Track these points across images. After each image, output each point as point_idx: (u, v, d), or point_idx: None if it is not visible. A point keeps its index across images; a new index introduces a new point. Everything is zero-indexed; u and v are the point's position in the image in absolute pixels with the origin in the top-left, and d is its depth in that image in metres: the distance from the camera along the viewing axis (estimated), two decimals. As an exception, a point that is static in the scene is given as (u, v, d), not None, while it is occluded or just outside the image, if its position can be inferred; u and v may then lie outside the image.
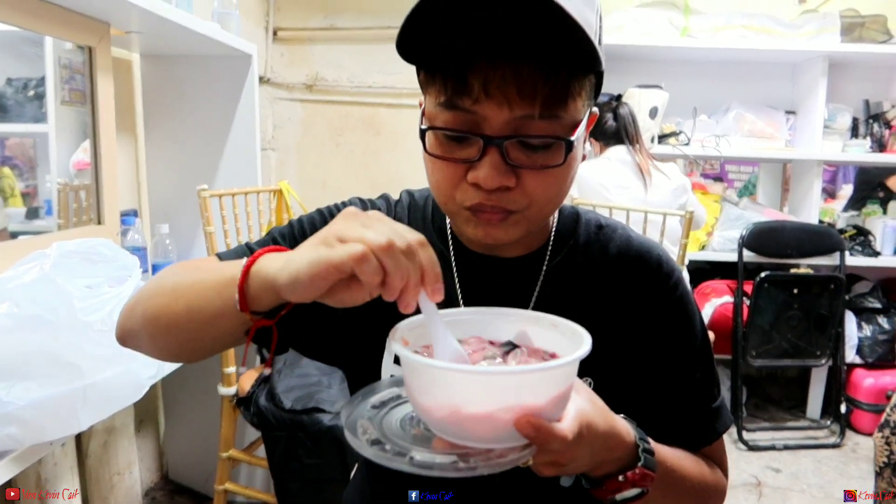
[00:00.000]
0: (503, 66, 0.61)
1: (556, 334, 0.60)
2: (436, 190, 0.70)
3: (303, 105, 3.30)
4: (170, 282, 0.67)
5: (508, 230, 0.68)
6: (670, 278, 0.79)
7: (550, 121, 0.63)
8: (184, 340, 0.66)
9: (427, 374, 0.52)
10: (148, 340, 0.69)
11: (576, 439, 0.54)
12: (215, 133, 2.18)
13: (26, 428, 1.06)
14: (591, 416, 0.57)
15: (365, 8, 3.21)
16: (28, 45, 1.63)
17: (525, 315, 0.63)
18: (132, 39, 1.89)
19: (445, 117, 0.65)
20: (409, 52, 0.64)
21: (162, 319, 0.65)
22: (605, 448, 0.61)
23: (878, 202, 3.33)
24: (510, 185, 0.65)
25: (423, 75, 0.68)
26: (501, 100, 0.62)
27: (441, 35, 0.61)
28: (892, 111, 3.12)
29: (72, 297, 1.14)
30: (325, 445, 1.76)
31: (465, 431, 0.52)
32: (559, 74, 0.62)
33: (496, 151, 0.63)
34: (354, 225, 0.53)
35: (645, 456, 0.64)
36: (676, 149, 3.04)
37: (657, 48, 3.02)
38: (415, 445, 0.53)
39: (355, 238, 0.51)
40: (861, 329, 3.04)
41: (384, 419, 0.57)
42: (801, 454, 2.83)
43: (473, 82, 0.62)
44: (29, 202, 1.68)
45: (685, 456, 0.76)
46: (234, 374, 1.94)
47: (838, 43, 2.99)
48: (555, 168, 0.65)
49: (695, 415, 0.79)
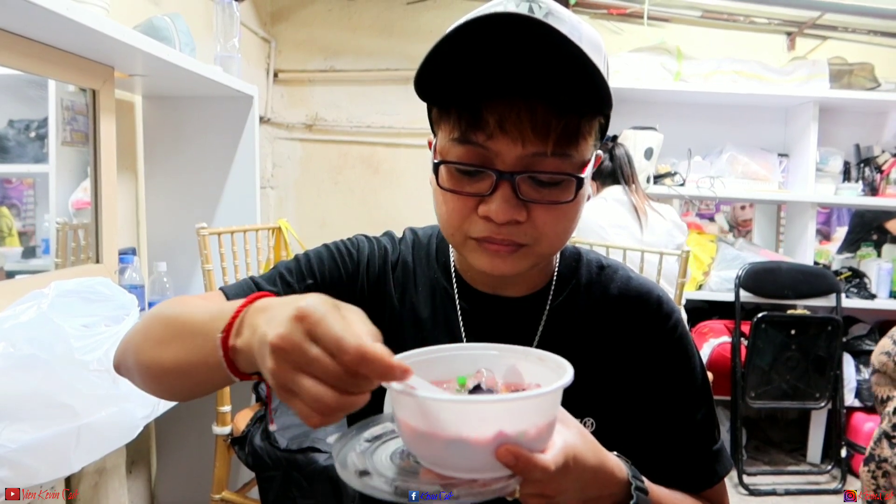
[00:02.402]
0: (518, 103, 0.63)
1: (543, 369, 0.60)
2: (445, 222, 0.71)
3: (302, 144, 3.34)
4: (158, 330, 0.66)
5: (515, 263, 0.69)
6: (670, 319, 0.80)
7: (562, 159, 0.65)
8: (175, 388, 0.66)
9: (408, 402, 0.52)
10: (141, 383, 0.69)
11: (561, 470, 0.54)
12: (215, 172, 2.20)
13: (18, 471, 1.04)
14: (579, 449, 0.57)
15: (363, 51, 3.28)
16: (32, 88, 1.65)
17: (514, 350, 0.63)
18: (135, 82, 1.92)
19: (458, 152, 0.67)
20: (427, 88, 0.66)
21: (153, 369, 0.65)
22: (595, 483, 0.60)
23: (873, 244, 3.35)
24: (521, 219, 0.66)
25: (435, 112, 0.70)
26: (515, 136, 0.63)
27: (458, 72, 0.63)
28: (883, 156, 3.17)
29: (69, 336, 1.14)
30: (320, 485, 1.73)
31: (447, 460, 0.52)
32: (572, 114, 0.64)
33: (508, 186, 0.65)
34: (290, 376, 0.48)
35: (637, 494, 0.64)
36: (672, 189, 3.08)
37: (651, 91, 3.08)
38: (401, 476, 0.53)
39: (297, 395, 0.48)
40: (859, 372, 3.03)
41: (375, 452, 0.58)
42: (802, 500, 2.78)
43: (489, 118, 0.64)
44: (27, 241, 1.68)
45: (683, 498, 0.75)
46: (228, 414, 1.91)
47: (828, 89, 3.05)
48: (565, 204, 0.67)
49: (695, 457, 0.78)
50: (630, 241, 2.40)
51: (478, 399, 0.55)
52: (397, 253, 0.84)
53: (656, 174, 3.10)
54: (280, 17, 3.30)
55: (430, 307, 0.80)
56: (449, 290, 0.80)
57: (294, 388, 0.47)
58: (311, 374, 0.47)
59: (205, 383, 0.63)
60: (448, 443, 0.50)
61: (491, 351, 0.63)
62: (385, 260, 0.83)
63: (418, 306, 0.81)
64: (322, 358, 0.46)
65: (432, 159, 0.70)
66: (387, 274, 0.82)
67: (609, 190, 2.54)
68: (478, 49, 0.60)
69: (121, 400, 1.19)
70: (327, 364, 0.46)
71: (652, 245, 2.36)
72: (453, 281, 0.80)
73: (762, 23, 3.43)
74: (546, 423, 0.53)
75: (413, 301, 0.81)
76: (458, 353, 0.63)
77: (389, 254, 0.83)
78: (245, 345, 0.54)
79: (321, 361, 0.46)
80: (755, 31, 3.47)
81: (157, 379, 0.66)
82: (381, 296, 0.81)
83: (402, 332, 0.80)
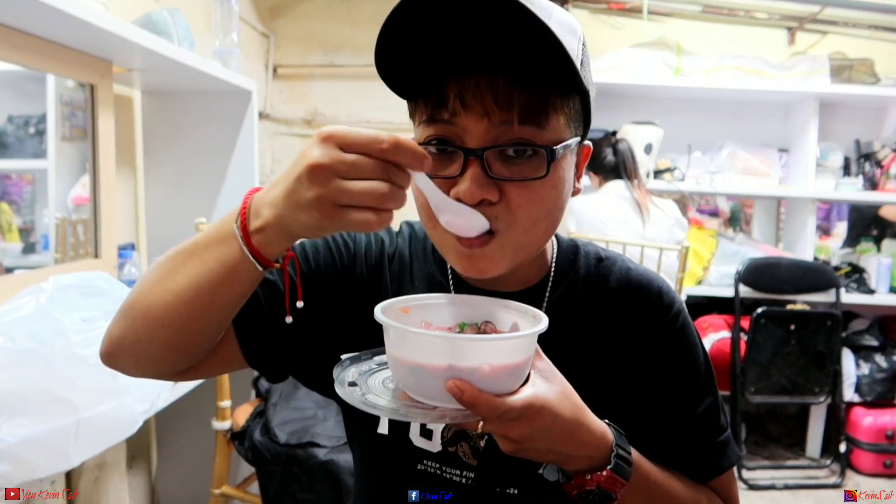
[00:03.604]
0: (479, 77, 0.62)
1: (522, 319, 0.66)
2: (422, 214, 0.69)
3: (302, 140, 3.34)
4: (162, 266, 0.65)
5: (494, 258, 0.66)
6: (671, 310, 0.79)
7: (531, 128, 0.63)
8: (185, 322, 0.64)
9: (389, 331, 0.60)
10: (146, 342, 0.66)
11: (525, 418, 0.57)
12: (214, 167, 2.20)
13: (17, 465, 1.04)
14: (551, 402, 0.59)
15: (362, 45, 3.27)
16: (30, 83, 1.65)
17: (497, 302, 0.69)
18: (134, 77, 1.92)
19: (427, 133, 0.66)
20: (389, 73, 0.65)
21: (158, 307, 0.63)
22: (570, 441, 0.61)
23: (872, 240, 3.35)
24: (492, 199, 0.64)
25: (411, 105, 0.69)
26: (479, 110, 0.62)
27: (417, 53, 0.62)
28: (883, 151, 3.17)
29: (67, 330, 1.14)
30: (320, 480, 1.74)
31: (412, 385, 0.60)
32: (537, 87, 0.62)
33: (477, 164, 0.63)
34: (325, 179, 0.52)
35: (616, 461, 0.64)
36: (671, 184, 3.08)
37: (651, 87, 3.08)
38: (379, 395, 0.61)
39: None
40: (859, 367, 3.03)
41: (376, 374, 0.66)
42: (801, 494, 2.79)
43: (450, 94, 0.63)
44: (26, 237, 1.68)
45: (678, 479, 0.75)
46: (228, 409, 1.92)
47: (828, 84, 3.05)
48: (537, 181, 0.64)
49: (700, 448, 0.78)
50: (631, 237, 2.40)
51: (431, 334, 0.62)
52: (394, 246, 0.83)
53: (656, 169, 3.10)
54: (279, 11, 3.29)
55: None
56: (445, 285, 0.79)
57: (343, 199, 0.52)
58: (356, 177, 0.51)
59: (226, 293, 0.62)
60: (411, 368, 0.58)
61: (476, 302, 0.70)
62: (382, 253, 0.82)
63: None
64: (361, 159, 0.52)
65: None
66: (383, 267, 0.81)
67: (611, 184, 2.54)
68: (432, 26, 0.59)
69: (120, 394, 1.19)
70: (367, 162, 0.52)
71: (653, 241, 2.35)
72: (449, 275, 0.80)
73: (762, 18, 3.42)
74: (503, 363, 0.56)
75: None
76: (445, 302, 0.70)
77: (386, 247, 0.83)
78: (267, 219, 0.57)
79: (361, 162, 0.52)
80: (755, 26, 3.46)
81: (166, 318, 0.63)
82: (377, 289, 0.80)
83: None
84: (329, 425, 1.85)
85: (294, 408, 1.92)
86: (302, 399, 1.96)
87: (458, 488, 0.75)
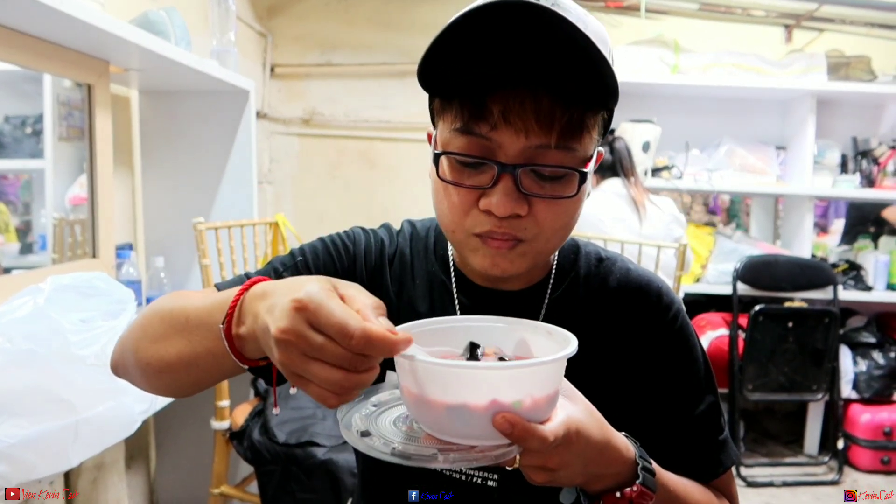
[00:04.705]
0: (523, 93, 0.61)
1: (551, 342, 0.61)
2: (445, 216, 0.70)
3: (299, 139, 3.34)
4: (158, 327, 0.66)
5: (515, 261, 0.68)
6: (670, 310, 0.79)
7: (565, 152, 0.64)
8: (181, 381, 0.66)
9: (410, 368, 0.53)
10: (143, 381, 0.69)
11: (562, 444, 0.54)
12: (212, 167, 2.20)
13: (16, 466, 1.04)
14: (583, 424, 0.57)
15: (360, 45, 3.27)
16: (27, 83, 1.65)
17: (522, 324, 0.65)
18: (131, 76, 1.91)
19: (460, 143, 0.66)
20: (430, 79, 0.65)
21: (155, 365, 0.65)
22: (600, 460, 0.60)
23: (870, 237, 3.35)
24: (522, 213, 0.65)
25: (437, 102, 0.69)
26: (519, 127, 0.62)
27: (463, 61, 0.62)
28: (880, 148, 3.18)
29: (65, 331, 1.14)
30: (318, 479, 1.74)
31: (446, 426, 0.54)
32: (577, 107, 0.63)
33: (510, 179, 0.64)
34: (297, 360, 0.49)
35: (644, 474, 0.63)
36: (669, 182, 3.08)
37: (649, 84, 3.08)
38: (402, 440, 0.55)
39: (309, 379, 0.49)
40: (856, 364, 3.04)
41: (380, 416, 0.60)
42: (799, 491, 2.79)
43: (493, 108, 0.62)
44: (23, 237, 1.68)
45: (692, 484, 0.75)
46: (227, 409, 1.91)
47: (825, 81, 3.05)
48: (566, 200, 0.66)
49: (700, 448, 0.78)
50: (628, 235, 2.40)
51: (473, 365, 0.56)
52: (395, 246, 0.83)
53: (654, 167, 3.10)
54: (276, 11, 3.29)
55: (427, 301, 0.80)
56: (447, 284, 0.79)
57: (305, 375, 0.49)
58: (320, 360, 0.48)
59: (213, 373, 0.63)
60: (447, 408, 0.52)
61: (498, 324, 0.65)
62: (382, 253, 0.82)
63: (416, 300, 0.80)
64: (327, 344, 0.47)
65: (432, 151, 0.69)
66: (384, 267, 0.81)
67: (608, 183, 2.54)
68: (483, 38, 0.59)
69: (119, 394, 1.19)
70: (333, 349, 0.47)
71: (650, 238, 2.36)
72: (451, 274, 0.80)
73: (760, 15, 3.42)
74: (544, 394, 0.53)
75: (411, 295, 0.81)
76: (468, 325, 0.64)
77: (387, 246, 0.83)
78: (249, 332, 0.55)
79: (327, 348, 0.47)
80: (752, 23, 3.46)
81: (161, 375, 0.65)
82: (378, 289, 0.80)
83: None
84: (328, 425, 1.85)
85: (293, 407, 1.92)
86: (301, 398, 1.96)
87: (458, 488, 0.75)
